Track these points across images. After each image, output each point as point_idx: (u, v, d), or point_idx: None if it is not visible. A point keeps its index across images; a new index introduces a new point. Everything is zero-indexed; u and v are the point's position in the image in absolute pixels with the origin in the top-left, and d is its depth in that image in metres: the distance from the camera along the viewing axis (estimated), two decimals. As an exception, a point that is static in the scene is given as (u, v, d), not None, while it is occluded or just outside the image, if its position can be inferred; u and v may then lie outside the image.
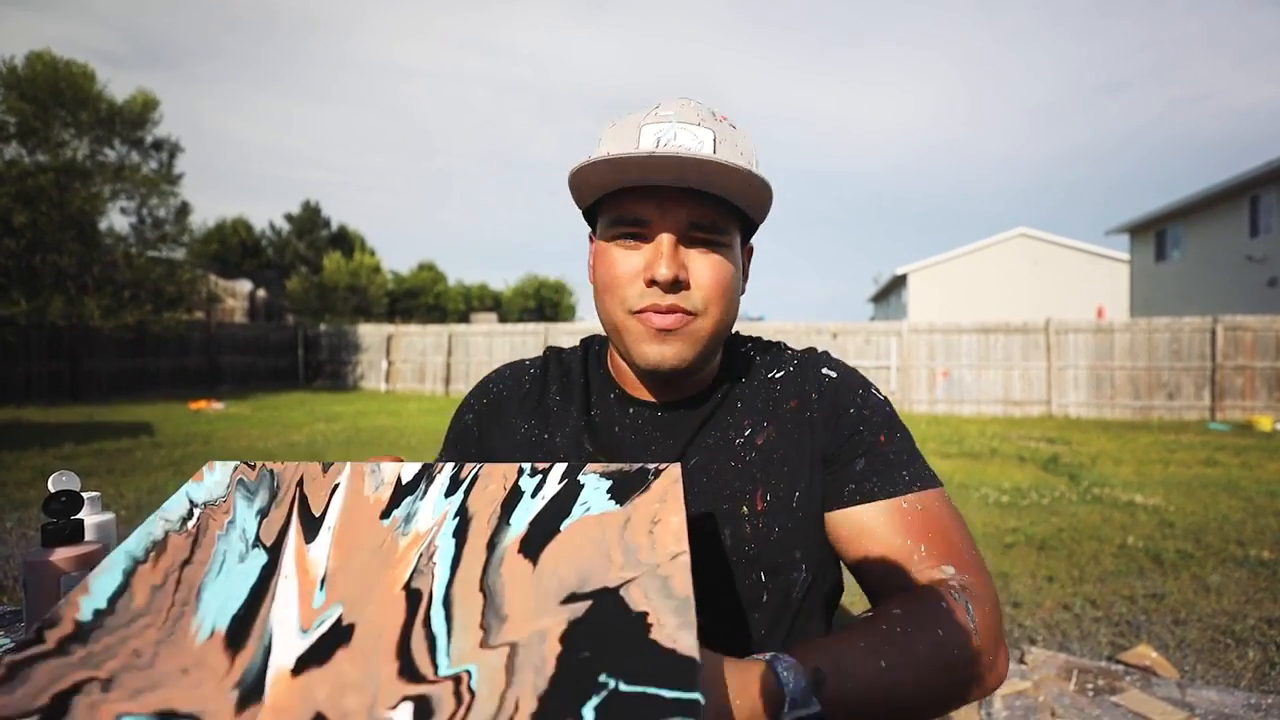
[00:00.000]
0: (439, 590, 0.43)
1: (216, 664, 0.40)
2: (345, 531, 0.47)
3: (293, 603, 0.43)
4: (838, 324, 12.65)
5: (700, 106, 0.69)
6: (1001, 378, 11.87)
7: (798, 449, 0.72)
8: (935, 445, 8.07)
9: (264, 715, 0.37)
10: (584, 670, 0.37)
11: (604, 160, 0.62)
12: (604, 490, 0.48)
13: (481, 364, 15.42)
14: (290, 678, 0.39)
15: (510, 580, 0.43)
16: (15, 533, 4.11)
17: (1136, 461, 7.00)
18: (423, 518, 0.48)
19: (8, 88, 12.58)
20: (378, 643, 0.40)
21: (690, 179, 0.63)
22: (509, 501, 0.48)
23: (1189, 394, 11.05)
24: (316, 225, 31.01)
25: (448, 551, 0.45)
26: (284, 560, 0.46)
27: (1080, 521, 4.61)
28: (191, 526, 0.48)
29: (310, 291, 24.14)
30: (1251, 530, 4.35)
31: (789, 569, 0.70)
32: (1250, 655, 2.65)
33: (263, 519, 0.49)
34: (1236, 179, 13.57)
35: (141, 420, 9.92)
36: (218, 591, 0.44)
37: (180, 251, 15.29)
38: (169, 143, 14.95)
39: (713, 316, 0.68)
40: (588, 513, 0.47)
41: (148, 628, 0.42)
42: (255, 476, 0.52)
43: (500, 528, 0.46)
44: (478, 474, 0.51)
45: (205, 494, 0.51)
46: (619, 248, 0.69)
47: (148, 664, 0.40)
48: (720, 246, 0.69)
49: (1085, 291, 22.04)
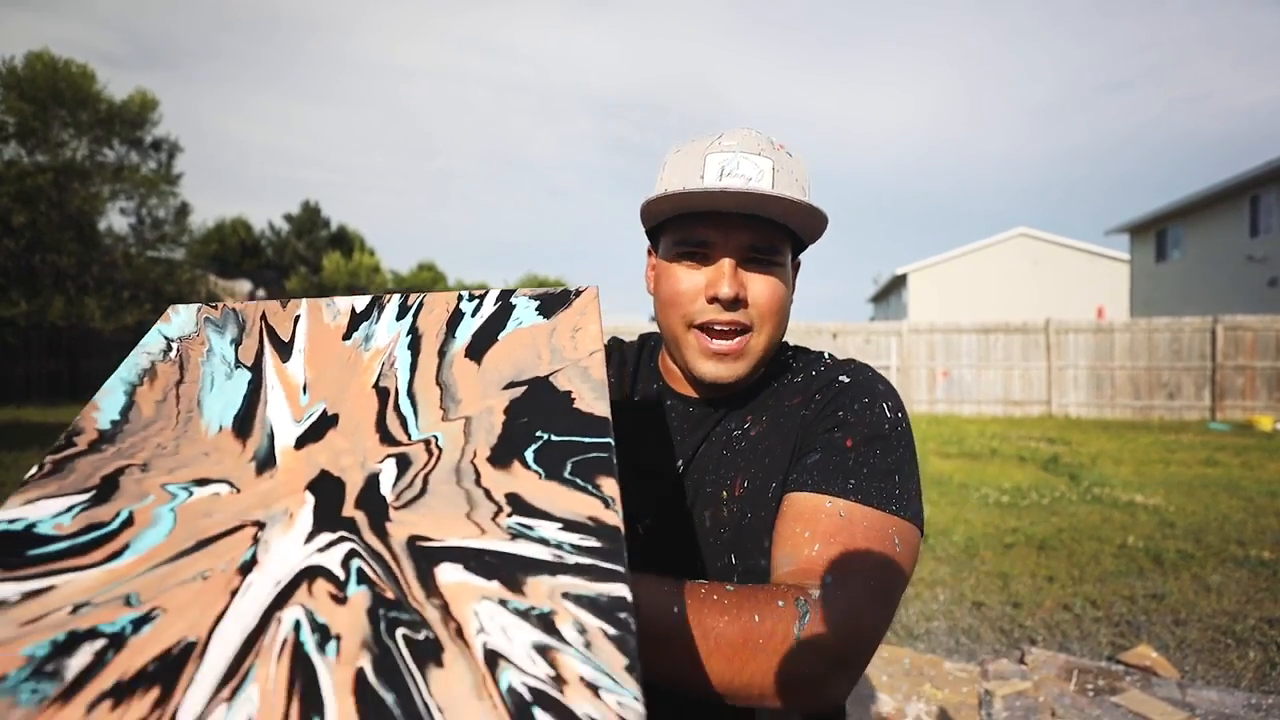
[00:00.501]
0: (403, 386, 0.52)
1: (231, 448, 0.49)
2: (315, 351, 0.56)
3: (283, 404, 0.52)
4: (838, 324, 12.65)
5: (760, 136, 0.74)
6: (1001, 378, 11.87)
7: (783, 442, 0.75)
8: (935, 445, 8.07)
9: (279, 475, 0.47)
10: (524, 429, 0.48)
11: (678, 194, 0.69)
12: (533, 309, 0.58)
13: (481, 364, 15.40)
14: (294, 451, 0.49)
15: (460, 376, 0.53)
16: (15, 533, 4.10)
17: (1137, 461, 7.00)
18: (380, 337, 0.57)
19: (7, 88, 12.57)
20: (360, 424, 0.50)
21: (751, 207, 0.69)
22: (453, 320, 0.57)
23: (1189, 394, 11.05)
24: (316, 225, 31.00)
25: (405, 360, 0.54)
26: (266, 376, 0.55)
27: (1080, 521, 4.61)
28: (174, 356, 0.56)
29: (309, 292, 24.14)
30: (1252, 530, 4.36)
31: (759, 555, 0.72)
32: (1251, 655, 2.65)
33: (237, 346, 0.57)
34: (1236, 179, 13.57)
35: (141, 420, 9.91)
36: (215, 401, 0.53)
37: (180, 252, 15.29)
38: (168, 143, 14.95)
39: (766, 333, 0.74)
40: (520, 326, 0.56)
41: (163, 429, 0.50)
42: (220, 315, 0.60)
43: (448, 340, 0.56)
44: (423, 301, 0.60)
45: (177, 330, 0.59)
46: (683, 267, 0.75)
47: (173, 452, 0.49)
48: (775, 267, 0.74)
49: (1085, 291, 22.04)
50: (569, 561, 0.39)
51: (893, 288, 28.69)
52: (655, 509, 0.78)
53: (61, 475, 0.46)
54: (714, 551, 0.74)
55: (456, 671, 0.34)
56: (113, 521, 0.43)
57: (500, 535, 0.41)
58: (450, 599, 0.38)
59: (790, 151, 0.75)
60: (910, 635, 2.94)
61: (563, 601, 0.37)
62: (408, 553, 0.41)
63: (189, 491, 0.46)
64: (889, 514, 0.66)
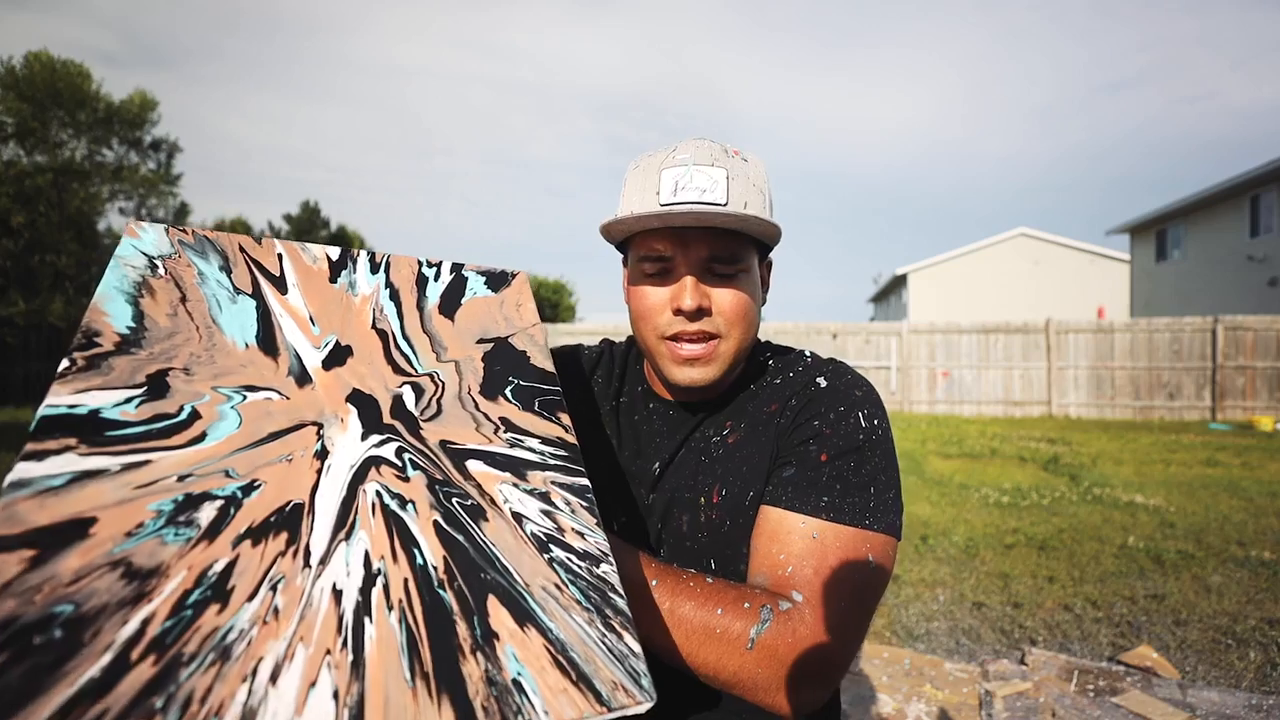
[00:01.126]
0: (396, 331, 0.62)
1: (264, 363, 0.54)
2: (308, 288, 0.61)
3: (297, 331, 0.58)
4: (838, 324, 12.65)
5: (714, 146, 0.76)
6: (1002, 378, 11.86)
7: (761, 451, 0.76)
8: (935, 446, 8.07)
9: (319, 389, 0.54)
10: (500, 375, 0.63)
11: (631, 219, 0.73)
12: (482, 283, 0.71)
13: (481, 364, 15.40)
14: (324, 371, 0.55)
15: (440, 329, 0.64)
16: (14, 533, 4.10)
17: (1137, 462, 7.00)
18: (362, 285, 0.64)
19: (5, 88, 12.57)
20: (373, 355, 0.59)
21: (704, 220, 0.71)
22: (420, 281, 0.68)
23: (1190, 394, 11.05)
24: (315, 225, 31.01)
25: (391, 309, 0.64)
26: (271, 304, 0.58)
27: (1081, 522, 4.61)
28: (164, 274, 0.56)
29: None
30: (1252, 531, 4.35)
31: (737, 561, 0.74)
32: (1251, 656, 2.65)
33: (228, 274, 0.59)
34: (1236, 179, 13.56)
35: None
36: (231, 321, 0.56)
37: (180, 252, 15.28)
38: (168, 143, 14.96)
39: (734, 337, 0.76)
40: (475, 295, 0.70)
41: (188, 340, 0.53)
42: (192, 239, 0.61)
43: (421, 298, 0.66)
44: (389, 259, 0.68)
45: (154, 249, 0.58)
46: (648, 282, 0.77)
47: (210, 360, 0.52)
48: (738, 274, 0.76)
49: (1085, 291, 22.03)
50: (551, 463, 0.56)
51: (893, 288, 28.70)
52: (631, 509, 0.80)
53: (101, 371, 0.48)
54: (691, 556, 0.76)
55: (497, 525, 0.50)
56: (179, 414, 0.48)
57: (502, 444, 0.56)
58: (481, 481, 0.52)
59: (746, 157, 0.77)
60: (910, 636, 2.94)
61: (552, 485, 0.55)
62: (443, 451, 0.54)
63: (243, 395, 0.51)
64: (862, 529, 0.67)
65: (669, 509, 0.78)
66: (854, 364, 12.38)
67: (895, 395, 12.26)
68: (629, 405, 0.88)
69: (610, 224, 0.75)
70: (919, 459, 7.15)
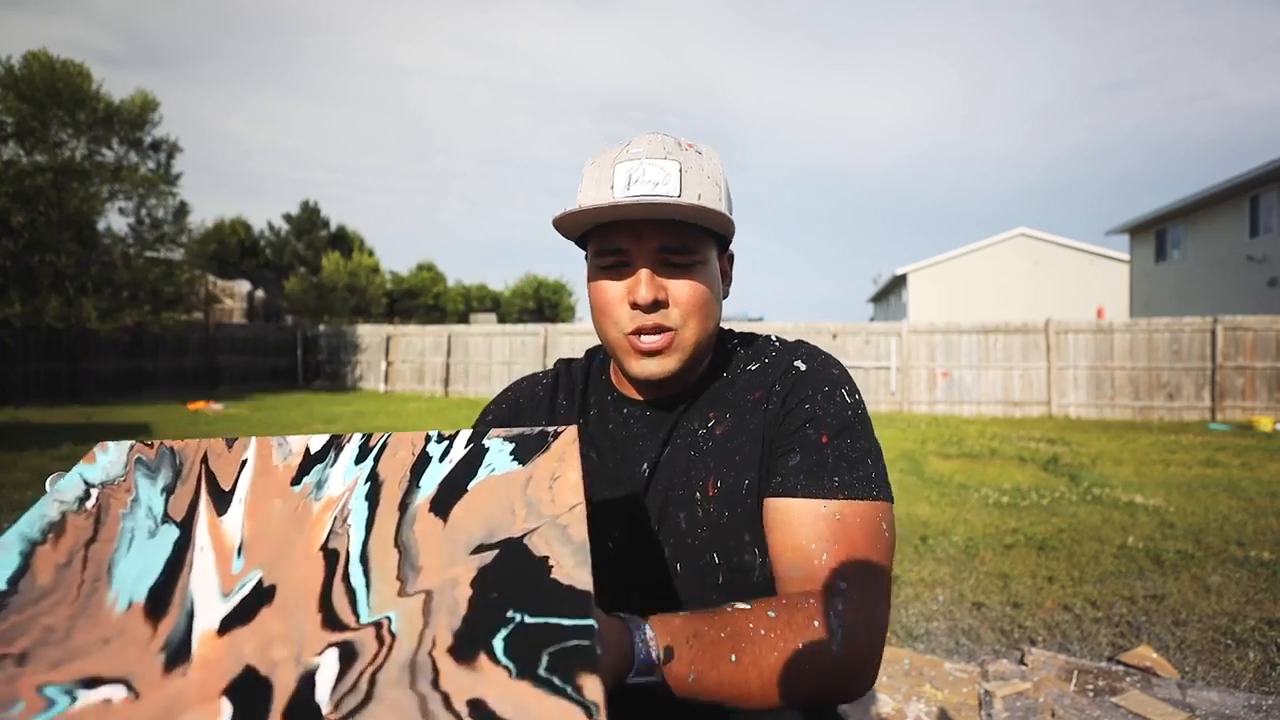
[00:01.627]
0: (355, 549, 0.46)
1: (139, 632, 0.41)
2: (257, 501, 0.49)
3: (211, 571, 0.45)
4: (838, 324, 12.65)
5: (667, 140, 0.76)
6: (1001, 378, 11.86)
7: (751, 439, 0.77)
8: (935, 446, 8.07)
9: (193, 672, 0.39)
10: (494, 608, 0.41)
11: (581, 211, 0.72)
12: (507, 452, 0.52)
13: (481, 365, 15.40)
14: (216, 637, 0.41)
15: (423, 536, 0.46)
16: (13, 534, 4.09)
17: (1137, 462, 7.00)
18: (334, 484, 0.50)
19: (5, 88, 12.56)
20: (300, 599, 0.43)
21: (657, 212, 0.71)
22: (418, 466, 0.51)
23: (1189, 394, 11.05)
24: (315, 225, 30.98)
25: (361, 514, 0.48)
26: (197, 533, 0.47)
27: (1080, 522, 4.61)
28: (91, 506, 0.48)
29: (309, 292, 24.12)
30: (1252, 531, 4.35)
31: (741, 551, 0.75)
32: (1251, 656, 2.65)
33: (169, 495, 0.49)
34: (1236, 179, 13.56)
35: (140, 421, 9.91)
36: (130, 566, 0.44)
37: (178, 252, 15.27)
38: (167, 143, 14.93)
39: (693, 329, 0.76)
40: (493, 473, 0.50)
41: (58, 604, 0.42)
42: (155, 455, 0.52)
43: (411, 490, 0.49)
44: (387, 441, 0.54)
45: (101, 474, 0.51)
46: (605, 277, 0.77)
47: (64, 638, 0.40)
48: (694, 265, 0.76)
49: (1085, 291, 22.04)
50: None
51: (893, 288, 28.69)
52: (626, 519, 0.79)
53: None
54: (694, 551, 0.76)
55: None
56: None
57: None
58: None
59: (700, 150, 0.77)
60: (910, 636, 2.93)
61: None
62: None
63: (72, 697, 0.37)
64: (872, 500, 0.71)
65: (664, 508, 0.78)
66: (854, 364, 12.39)
67: (895, 395, 12.26)
68: (600, 417, 0.87)
69: (563, 216, 0.74)
70: (919, 459, 7.14)
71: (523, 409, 0.90)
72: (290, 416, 10.89)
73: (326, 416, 10.87)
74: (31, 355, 12.69)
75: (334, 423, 10.02)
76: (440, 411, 11.74)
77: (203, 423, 9.91)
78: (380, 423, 10.09)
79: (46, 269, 12.82)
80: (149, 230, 14.78)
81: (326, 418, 10.68)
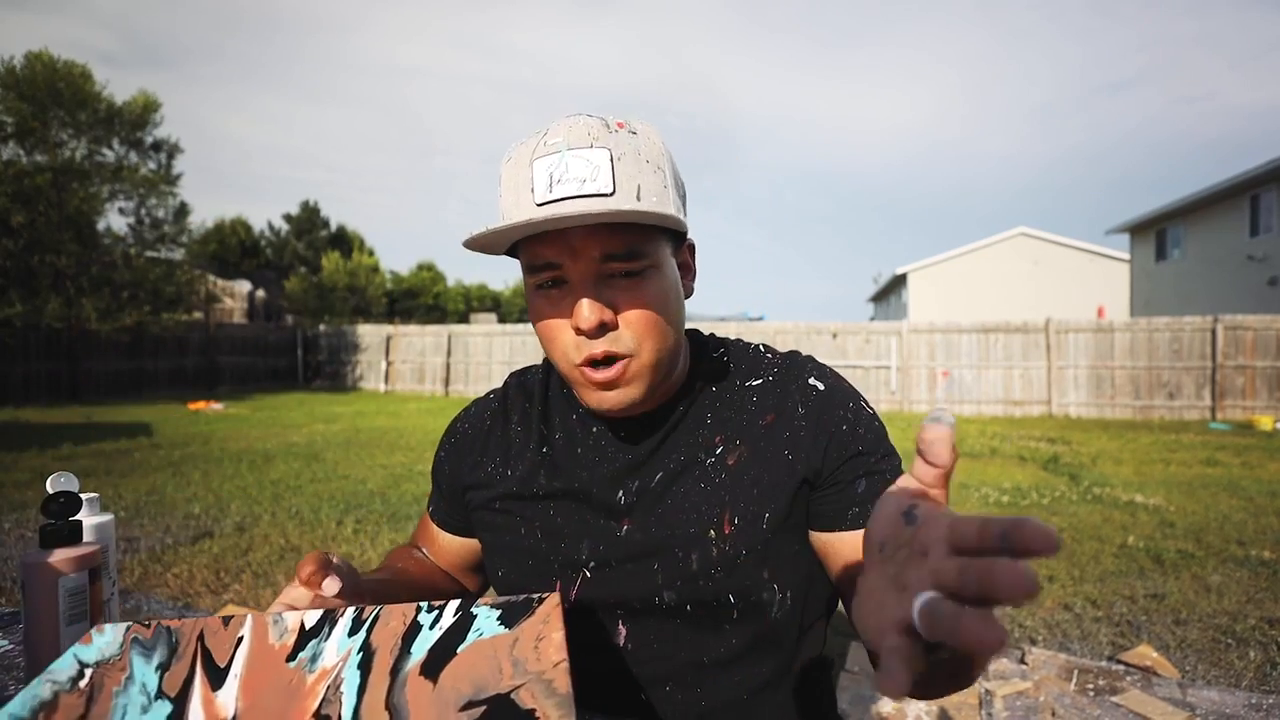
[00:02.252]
0: (347, 714, 0.48)
1: None
2: (252, 676, 0.51)
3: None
4: (838, 324, 12.65)
5: (592, 122, 0.63)
6: (1002, 378, 11.87)
7: (771, 469, 0.70)
8: (935, 445, 8.06)
9: None
10: None
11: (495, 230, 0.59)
12: (494, 618, 0.55)
13: (480, 365, 15.40)
14: None
15: (414, 698, 0.49)
16: (14, 534, 4.10)
17: (1137, 461, 7.00)
18: (328, 656, 0.52)
19: (5, 88, 12.56)
20: None
21: (589, 220, 0.59)
22: (409, 634, 0.54)
23: (1189, 394, 11.05)
24: (315, 225, 30.98)
25: (354, 682, 0.50)
26: (191, 708, 0.48)
27: (1081, 521, 4.61)
28: (84, 686, 0.49)
29: (309, 292, 24.11)
30: (1252, 530, 4.35)
31: (759, 589, 0.69)
32: (1251, 655, 2.65)
33: (164, 673, 0.51)
34: (1236, 178, 13.56)
35: (140, 421, 9.91)
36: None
37: (179, 252, 15.27)
38: (168, 143, 14.94)
39: (649, 350, 0.65)
40: (480, 637, 0.53)
41: None
42: (151, 634, 0.53)
43: (402, 656, 0.52)
44: (379, 614, 0.56)
45: (96, 654, 0.52)
46: (541, 297, 0.66)
47: None
48: (643, 272, 0.65)
49: (1085, 291, 22.03)
50: None
51: (893, 288, 28.68)
52: (599, 551, 0.72)
53: None
54: (708, 594, 0.69)
55: None
56: None
57: None
58: None
59: (635, 129, 0.64)
60: (910, 635, 2.94)
61: None
62: None
63: None
64: None
65: (666, 546, 0.69)
66: (854, 364, 12.40)
67: (895, 395, 12.26)
68: (565, 441, 0.76)
69: (471, 240, 0.61)
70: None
71: (471, 441, 0.82)
72: (291, 416, 10.89)
73: (327, 416, 10.88)
74: (31, 355, 12.69)
75: (334, 422, 10.02)
76: (440, 411, 11.74)
77: (203, 422, 9.91)
78: (380, 422, 10.09)
79: (46, 269, 12.82)
80: (149, 230, 14.78)
81: (327, 417, 10.69)
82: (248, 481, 5.71)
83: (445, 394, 15.66)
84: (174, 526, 4.33)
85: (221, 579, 3.40)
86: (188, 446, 7.59)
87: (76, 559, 0.72)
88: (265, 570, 3.52)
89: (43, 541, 0.73)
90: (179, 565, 3.57)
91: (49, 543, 0.73)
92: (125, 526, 4.32)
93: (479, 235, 0.60)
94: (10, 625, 0.85)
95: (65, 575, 0.71)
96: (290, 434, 8.76)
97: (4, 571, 3.44)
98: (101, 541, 0.79)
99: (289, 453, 7.25)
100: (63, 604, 0.68)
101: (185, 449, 7.40)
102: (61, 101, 12.89)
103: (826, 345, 12.53)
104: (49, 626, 0.67)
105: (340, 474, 6.10)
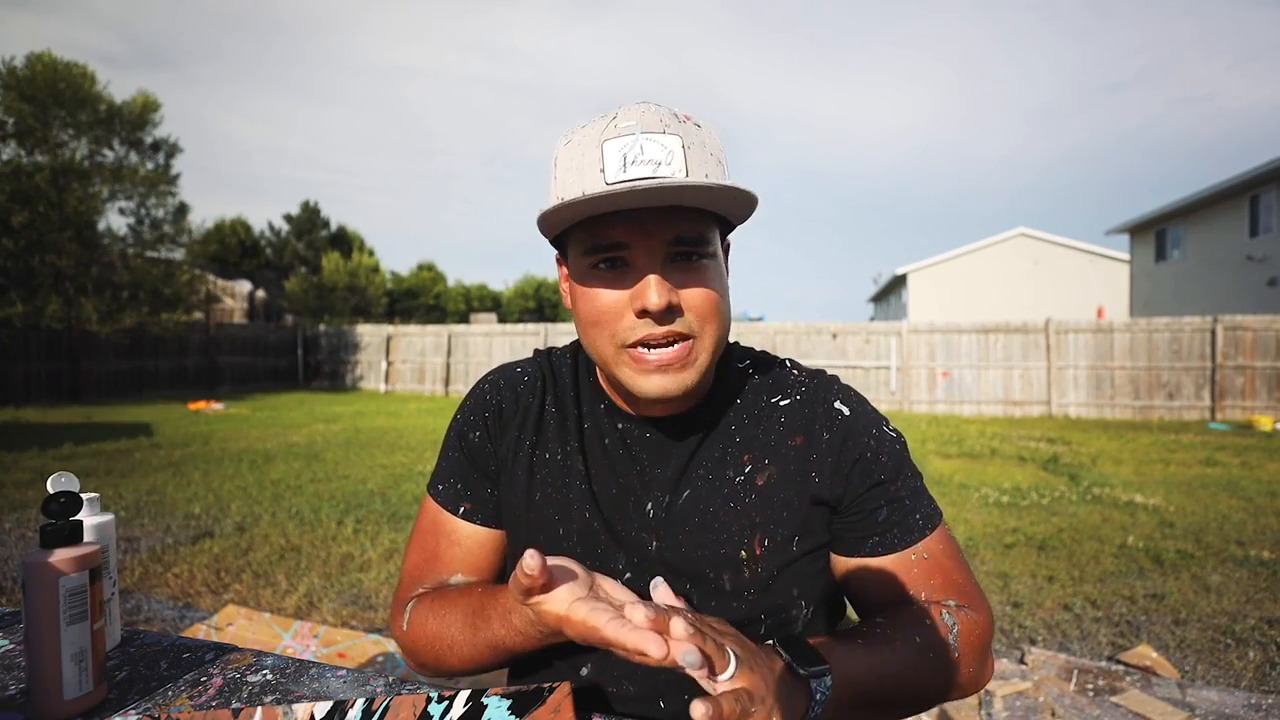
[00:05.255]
0: None
1: None
2: None
3: None
4: (838, 324, 12.65)
5: (662, 110, 0.64)
6: (1001, 378, 11.87)
7: (798, 491, 0.71)
8: (935, 445, 8.07)
9: None
10: None
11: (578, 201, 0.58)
12: (505, 708, 0.54)
13: (481, 364, 15.40)
14: None
15: None
16: (14, 534, 4.10)
17: (1137, 461, 7.00)
18: None
19: (6, 88, 12.56)
20: None
21: (667, 199, 0.59)
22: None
23: (1189, 394, 11.05)
24: (315, 225, 30.98)
25: None
26: None
27: (1080, 521, 4.61)
28: None
29: (309, 292, 24.11)
30: (1252, 530, 4.35)
31: (789, 607, 0.71)
32: (1251, 655, 2.65)
33: None
34: (1236, 179, 13.56)
35: (141, 421, 9.91)
36: None
37: (179, 252, 15.26)
38: (168, 143, 14.93)
39: (710, 335, 0.66)
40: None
41: None
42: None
43: None
44: (388, 705, 0.55)
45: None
46: (599, 277, 0.65)
47: None
48: (706, 259, 0.65)
49: (1085, 291, 22.03)
50: None
51: (893, 288, 28.68)
52: (644, 561, 0.71)
53: None
54: (740, 615, 0.69)
55: None
56: None
57: None
58: None
59: (699, 122, 0.66)
60: (910, 635, 2.94)
61: None
62: None
63: None
64: (941, 521, 0.74)
65: (698, 567, 0.69)
66: (854, 364, 12.39)
67: (895, 395, 12.26)
68: (593, 430, 0.75)
69: (551, 211, 0.60)
70: (919, 459, 7.14)
71: (508, 415, 0.77)
72: (291, 416, 10.89)
73: (327, 416, 10.87)
74: (32, 355, 12.69)
75: (334, 422, 10.02)
76: (440, 411, 11.74)
77: (203, 422, 9.91)
78: (381, 422, 10.09)
79: (46, 269, 12.82)
80: (149, 230, 14.77)
81: (327, 417, 10.68)
82: (248, 481, 5.71)
83: (445, 394, 15.65)
84: (174, 526, 4.33)
85: (222, 579, 3.40)
86: (188, 446, 7.59)
87: (77, 559, 0.72)
88: (265, 570, 3.53)
89: (43, 541, 0.73)
90: (179, 565, 3.57)
91: (49, 542, 0.73)
92: (126, 526, 4.32)
93: (565, 204, 0.58)
94: (10, 625, 0.85)
95: (66, 575, 0.71)
96: (290, 434, 8.76)
97: (4, 571, 3.44)
98: (102, 541, 0.79)
99: (289, 453, 7.25)
100: (63, 604, 0.68)
101: (185, 449, 7.40)
102: (62, 101, 12.89)
103: (826, 345, 12.53)
104: (49, 626, 0.68)
105: (340, 474, 6.10)
